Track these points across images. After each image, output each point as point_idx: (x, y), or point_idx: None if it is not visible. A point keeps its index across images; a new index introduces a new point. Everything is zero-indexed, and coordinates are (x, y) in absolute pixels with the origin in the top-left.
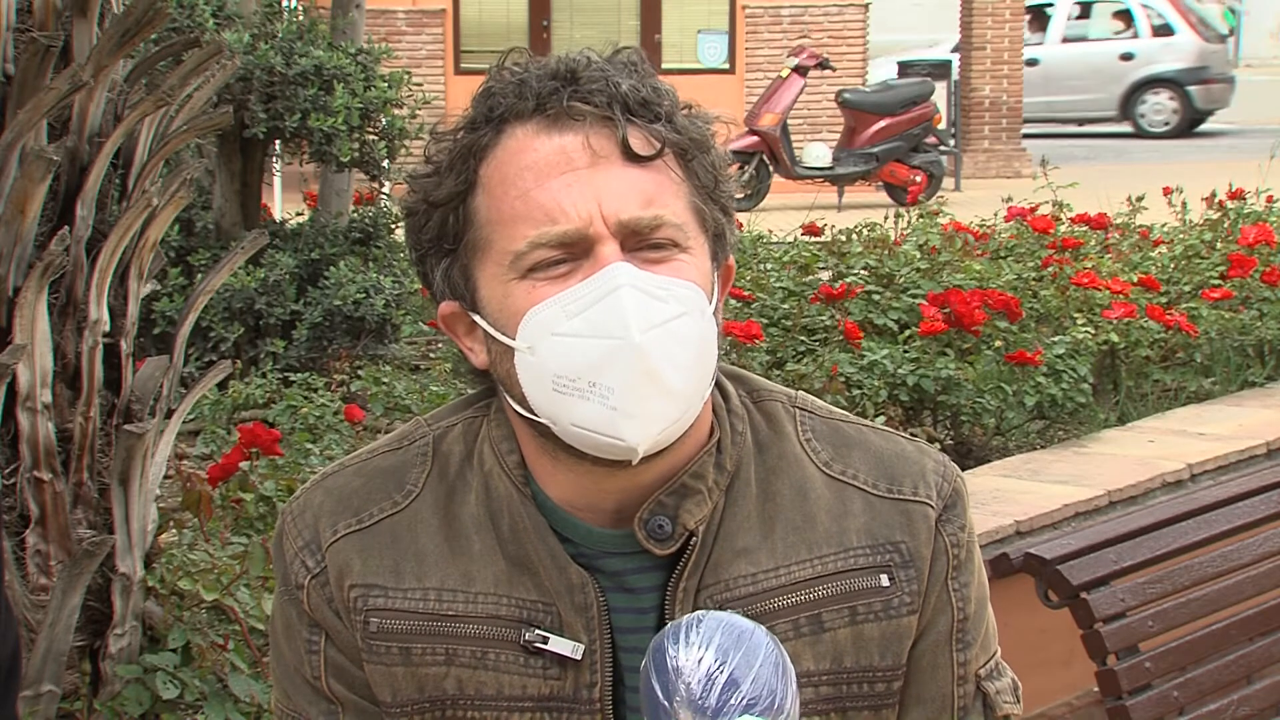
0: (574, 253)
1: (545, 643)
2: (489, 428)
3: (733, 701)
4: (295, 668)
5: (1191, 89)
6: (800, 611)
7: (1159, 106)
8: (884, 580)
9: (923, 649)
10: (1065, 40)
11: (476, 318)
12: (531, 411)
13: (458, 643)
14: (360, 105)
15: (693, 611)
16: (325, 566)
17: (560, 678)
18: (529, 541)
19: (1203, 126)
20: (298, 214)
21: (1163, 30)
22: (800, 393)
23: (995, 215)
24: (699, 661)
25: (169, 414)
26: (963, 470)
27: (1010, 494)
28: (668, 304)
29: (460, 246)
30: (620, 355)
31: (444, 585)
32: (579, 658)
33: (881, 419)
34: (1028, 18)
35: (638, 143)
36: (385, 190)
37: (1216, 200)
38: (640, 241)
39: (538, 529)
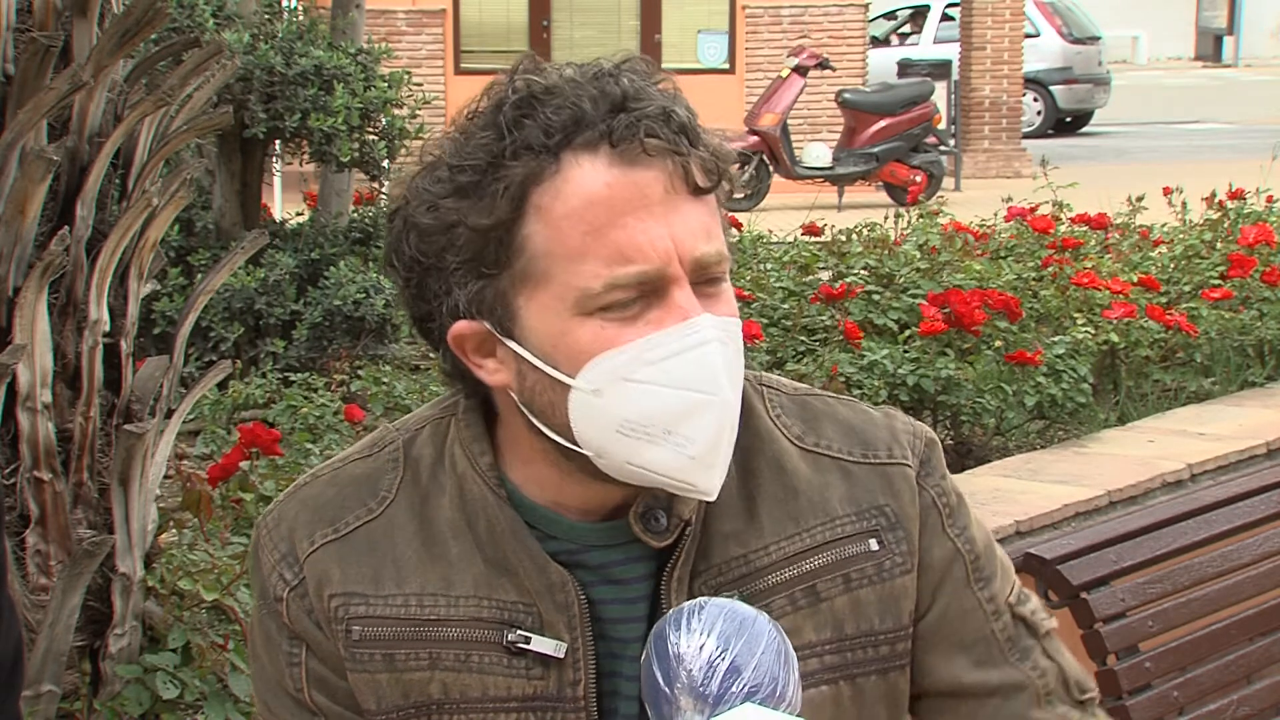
0: (645, 291)
1: (527, 643)
2: (457, 429)
3: (734, 689)
4: (276, 680)
5: (1055, 89)
6: (795, 585)
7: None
8: (873, 544)
9: (946, 601)
10: (937, 41)
11: (513, 345)
12: (574, 443)
13: (441, 646)
14: (360, 105)
15: (688, 599)
16: (304, 578)
17: (544, 677)
18: (506, 543)
19: (1086, 127)
20: (298, 214)
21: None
22: (763, 372)
23: (995, 215)
24: (700, 648)
25: (169, 414)
26: (962, 470)
27: (1010, 494)
28: (730, 346)
29: (502, 273)
30: (710, 410)
31: (424, 590)
32: (561, 656)
33: None
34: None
35: (700, 176)
36: (385, 190)
37: (1216, 200)
38: (701, 276)
39: (515, 531)
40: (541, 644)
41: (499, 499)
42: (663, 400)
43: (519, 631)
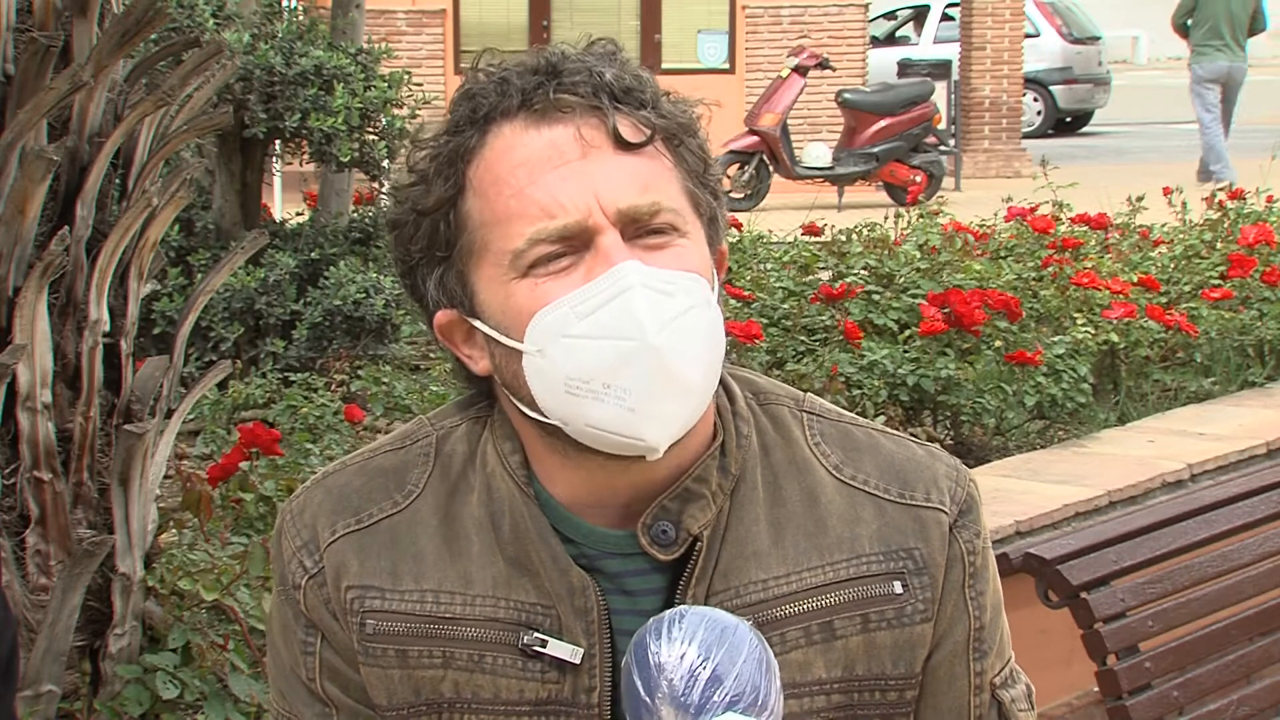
0: (574, 245)
1: (544, 646)
2: (492, 428)
3: (716, 698)
4: (291, 668)
5: (1055, 89)
6: (812, 618)
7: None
8: (897, 587)
9: (940, 659)
10: (937, 41)
11: (477, 323)
12: (542, 414)
13: (455, 645)
14: (360, 105)
15: (692, 605)
16: (323, 567)
17: (559, 681)
18: (530, 542)
19: (1086, 127)
20: (298, 214)
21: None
22: (809, 395)
23: (995, 215)
24: (681, 657)
25: (169, 414)
26: None
27: (1010, 494)
28: (675, 298)
29: (454, 253)
30: (637, 357)
31: (441, 587)
32: (578, 662)
33: (881, 419)
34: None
35: (628, 130)
36: (385, 190)
37: (1216, 200)
38: (640, 229)
39: (539, 530)
40: (558, 648)
41: (526, 497)
42: (597, 352)
43: (535, 634)
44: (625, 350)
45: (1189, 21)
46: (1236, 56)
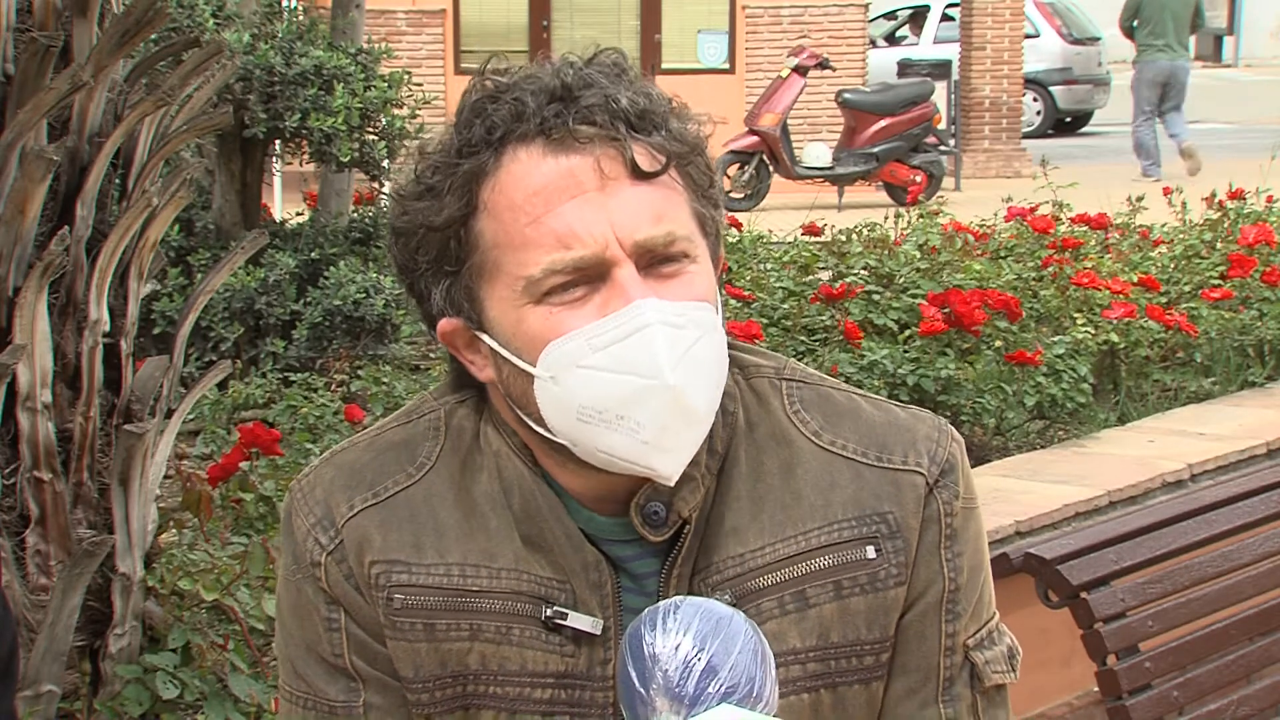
0: (589, 276)
1: (564, 619)
2: (490, 411)
3: (710, 689)
4: (310, 647)
5: (1055, 89)
6: (785, 589)
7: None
8: (870, 552)
9: (911, 618)
10: (937, 41)
11: (485, 338)
12: (550, 432)
13: (482, 618)
14: (360, 105)
15: (688, 596)
16: (341, 541)
17: (575, 655)
18: (543, 520)
19: (1085, 127)
20: (298, 214)
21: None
22: (790, 362)
23: (995, 215)
24: (676, 648)
25: (169, 414)
26: None
27: (1010, 494)
28: (686, 330)
29: (463, 269)
30: (653, 395)
31: (466, 560)
32: (598, 633)
33: None
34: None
35: (644, 160)
36: (385, 190)
37: (1216, 200)
38: (654, 258)
39: (552, 509)
40: (579, 620)
41: (535, 476)
42: (611, 385)
43: (555, 608)
44: (641, 387)
45: (1134, 24)
46: (1179, 55)
